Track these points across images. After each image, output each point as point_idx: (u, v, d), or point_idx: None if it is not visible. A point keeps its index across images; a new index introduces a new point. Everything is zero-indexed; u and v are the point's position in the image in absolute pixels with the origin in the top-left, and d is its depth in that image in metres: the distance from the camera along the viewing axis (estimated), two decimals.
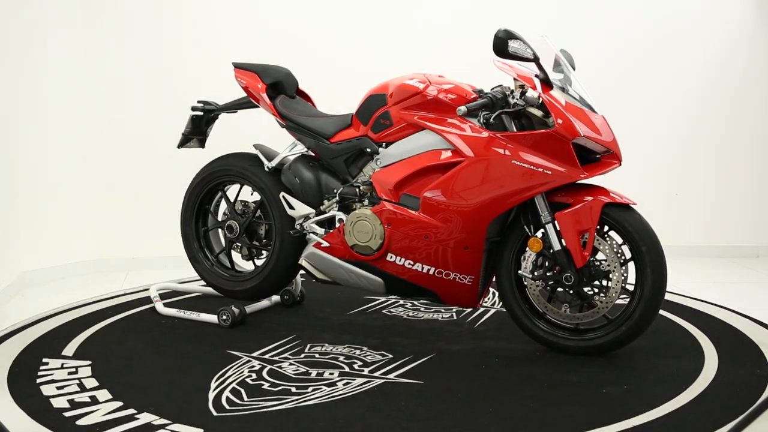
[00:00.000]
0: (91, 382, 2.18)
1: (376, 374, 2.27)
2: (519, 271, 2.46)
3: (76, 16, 3.84)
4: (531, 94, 2.38)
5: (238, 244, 2.95)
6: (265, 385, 2.16)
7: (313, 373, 2.27)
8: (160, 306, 2.99)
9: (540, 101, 2.37)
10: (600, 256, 2.41)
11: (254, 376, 2.24)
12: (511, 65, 2.42)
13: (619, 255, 2.36)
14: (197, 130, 3.04)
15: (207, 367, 2.31)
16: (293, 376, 2.24)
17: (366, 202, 2.60)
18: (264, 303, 3.00)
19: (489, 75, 3.04)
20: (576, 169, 2.32)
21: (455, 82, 2.54)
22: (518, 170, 2.33)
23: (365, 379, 2.22)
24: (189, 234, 3.06)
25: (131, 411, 1.96)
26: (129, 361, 2.39)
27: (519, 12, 4.23)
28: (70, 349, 2.49)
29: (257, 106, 2.93)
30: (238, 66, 2.89)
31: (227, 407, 1.99)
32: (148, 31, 3.96)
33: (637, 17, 4.29)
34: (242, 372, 2.27)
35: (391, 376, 2.26)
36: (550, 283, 2.41)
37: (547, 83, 2.37)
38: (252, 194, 2.96)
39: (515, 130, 2.39)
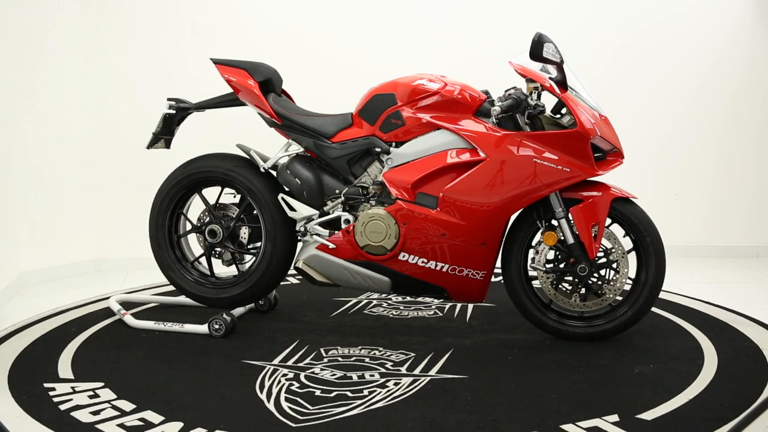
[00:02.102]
0: (125, 404, 2.02)
1: (416, 372, 2.28)
2: (532, 264, 2.57)
3: (77, 16, 3.84)
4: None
5: (219, 249, 2.81)
6: (317, 392, 2.10)
7: (354, 376, 2.24)
8: (130, 319, 2.79)
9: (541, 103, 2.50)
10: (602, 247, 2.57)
11: (296, 384, 2.17)
12: (524, 67, 2.50)
13: (621, 246, 2.54)
14: (167, 129, 2.87)
15: (238, 378, 2.22)
16: (336, 380, 2.20)
17: (373, 202, 2.60)
18: (240, 310, 2.89)
19: (489, 74, 3.06)
20: (592, 167, 2.46)
21: (462, 83, 2.60)
22: (539, 168, 2.43)
23: (411, 378, 2.22)
24: (162, 241, 2.86)
25: (202, 431, 1.85)
26: (146, 379, 2.23)
27: (519, 12, 4.24)
28: (64, 371, 2.29)
29: (240, 105, 2.81)
30: (219, 62, 2.75)
31: (299, 417, 1.92)
32: (149, 31, 3.96)
33: (637, 18, 4.29)
34: (280, 381, 2.20)
35: (431, 373, 2.27)
36: (563, 274, 2.55)
37: (563, 85, 2.46)
38: (235, 197, 2.84)
39: (528, 130, 2.49)
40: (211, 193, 2.87)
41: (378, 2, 4.16)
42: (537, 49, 2.36)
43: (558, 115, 2.57)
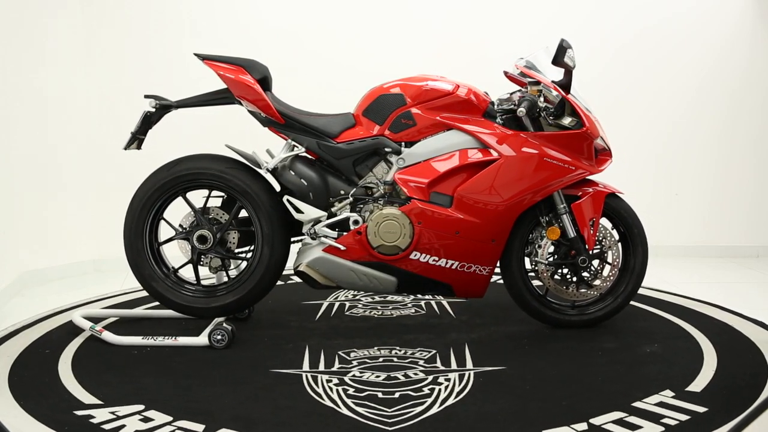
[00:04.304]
0: (192, 425, 1.89)
1: (453, 367, 2.32)
2: (535, 258, 2.68)
3: (77, 16, 3.84)
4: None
5: (209, 255, 2.65)
6: (379, 395, 2.09)
7: (399, 376, 2.24)
8: (110, 336, 2.56)
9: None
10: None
11: (351, 388, 2.14)
12: (529, 70, 2.63)
13: (614, 237, 2.74)
14: (144, 129, 2.70)
15: (286, 388, 2.14)
16: (386, 382, 2.19)
17: (380, 202, 2.59)
18: (220, 318, 2.71)
19: (489, 74, 3.06)
20: (593, 165, 2.63)
21: (468, 84, 2.67)
22: (549, 167, 2.56)
23: (457, 374, 2.27)
24: (142, 250, 2.66)
25: None
26: (186, 396, 2.09)
27: (519, 12, 4.23)
28: (83, 396, 2.10)
29: (228, 103, 2.68)
30: (209, 58, 2.62)
31: (387, 420, 1.91)
32: (149, 31, 3.96)
33: (637, 18, 4.29)
34: (331, 387, 2.15)
35: (468, 367, 2.32)
36: (565, 267, 2.69)
37: (566, 89, 2.59)
38: (225, 199, 2.71)
39: (532, 130, 2.59)
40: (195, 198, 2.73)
41: (378, 2, 4.16)
42: (561, 54, 2.49)
43: (550, 117, 2.66)
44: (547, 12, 4.24)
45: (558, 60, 2.50)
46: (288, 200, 2.62)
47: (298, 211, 2.61)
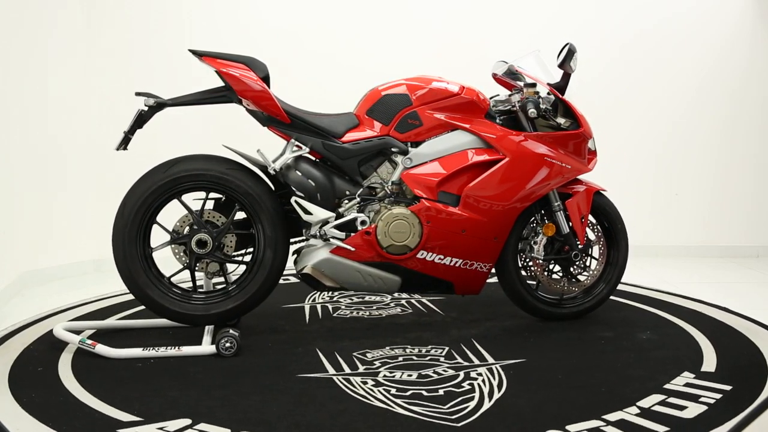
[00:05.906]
0: None
1: (475, 362, 2.35)
2: (531, 254, 2.76)
3: (77, 17, 3.84)
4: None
5: (206, 260, 2.55)
6: (423, 393, 2.07)
7: (430, 373, 2.23)
8: (105, 349, 2.35)
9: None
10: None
11: (392, 389, 2.09)
12: (528, 72, 2.70)
13: (601, 232, 2.86)
14: (135, 128, 2.58)
15: (326, 392, 2.07)
16: (420, 380, 2.17)
17: (386, 201, 2.59)
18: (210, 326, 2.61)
19: (489, 74, 3.06)
20: (586, 164, 2.75)
21: (468, 85, 2.70)
22: (550, 165, 2.65)
23: (485, 368, 2.29)
24: (136, 256, 2.50)
25: None
26: (230, 407, 1.96)
27: (519, 12, 4.24)
28: (111, 412, 1.92)
29: (224, 102, 2.58)
30: (208, 55, 2.50)
31: (449, 417, 1.88)
32: (149, 31, 3.96)
33: (637, 18, 4.29)
34: (371, 389, 2.09)
35: (490, 361, 2.35)
36: (558, 262, 2.79)
37: (562, 91, 2.70)
38: (222, 201, 2.65)
39: (530, 131, 2.66)
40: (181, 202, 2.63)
41: (378, 2, 4.16)
42: (569, 58, 2.62)
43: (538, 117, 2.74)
44: (547, 12, 4.25)
45: (564, 63, 2.60)
46: (296, 201, 2.54)
47: (306, 212, 2.55)
